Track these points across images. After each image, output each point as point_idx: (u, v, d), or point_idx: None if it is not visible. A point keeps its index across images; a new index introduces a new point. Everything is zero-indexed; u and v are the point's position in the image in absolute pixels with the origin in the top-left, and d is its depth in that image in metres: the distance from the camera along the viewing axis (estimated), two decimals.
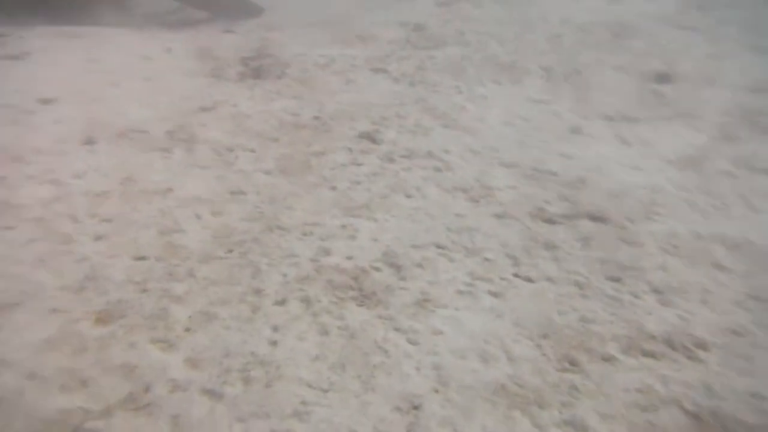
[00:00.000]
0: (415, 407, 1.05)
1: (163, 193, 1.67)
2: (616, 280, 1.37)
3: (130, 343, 1.09)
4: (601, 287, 1.31)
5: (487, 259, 1.43)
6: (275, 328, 1.19)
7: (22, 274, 1.26)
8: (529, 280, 1.33)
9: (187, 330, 1.15)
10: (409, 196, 1.76)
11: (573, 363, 1.15)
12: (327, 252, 1.48)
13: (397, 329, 1.22)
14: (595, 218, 1.55)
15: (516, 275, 1.36)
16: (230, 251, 1.45)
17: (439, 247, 1.51)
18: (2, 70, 2.28)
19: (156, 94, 2.32)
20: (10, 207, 1.50)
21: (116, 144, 1.91)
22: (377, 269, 1.42)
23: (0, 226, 1.43)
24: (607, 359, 1.17)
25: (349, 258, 1.46)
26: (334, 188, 1.78)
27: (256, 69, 2.81)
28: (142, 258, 1.38)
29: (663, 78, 2.52)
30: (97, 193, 1.62)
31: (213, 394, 1.04)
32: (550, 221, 1.58)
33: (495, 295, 1.29)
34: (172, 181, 1.73)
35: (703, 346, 1.22)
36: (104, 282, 1.27)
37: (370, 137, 2.08)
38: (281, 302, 1.28)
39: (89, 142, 1.90)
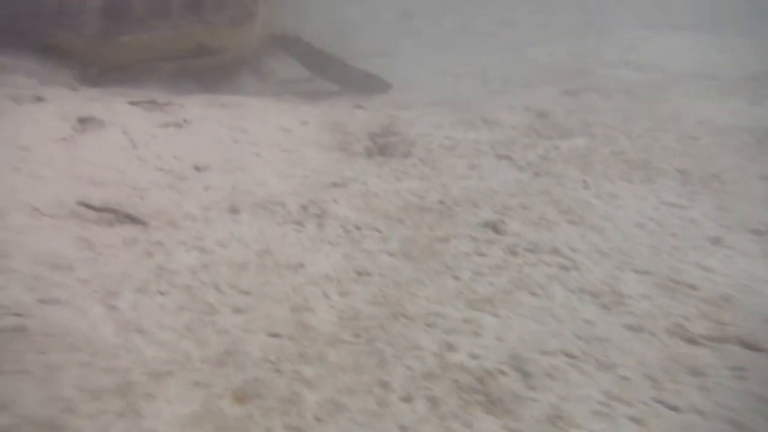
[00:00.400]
0: None
1: (295, 268, 1.73)
2: None
3: (266, 428, 1.10)
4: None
5: (623, 378, 1.33)
6: (403, 429, 1.17)
7: (171, 341, 1.33)
8: (675, 409, 1.23)
9: (318, 420, 1.16)
10: (533, 294, 1.70)
11: None
12: (451, 347, 1.45)
13: None
14: (747, 345, 1.42)
15: (658, 401, 1.25)
16: (357, 336, 1.46)
17: (568, 355, 1.43)
18: (167, 136, 2.51)
19: (293, 166, 2.46)
20: (164, 272, 1.61)
21: (256, 214, 2.02)
22: (503, 373, 1.37)
23: (155, 290, 1.53)
24: None
25: (474, 357, 1.42)
26: (457, 278, 1.76)
27: (383, 146, 2.90)
28: (276, 335, 1.42)
29: None
30: (238, 264, 1.71)
31: None
32: (692, 341, 1.46)
33: (636, 421, 1.19)
34: (303, 256, 1.80)
35: None
36: (242, 357, 1.31)
37: (494, 227, 2.06)
38: (407, 399, 1.26)
39: (233, 210, 2.03)
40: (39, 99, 2.65)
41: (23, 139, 2.18)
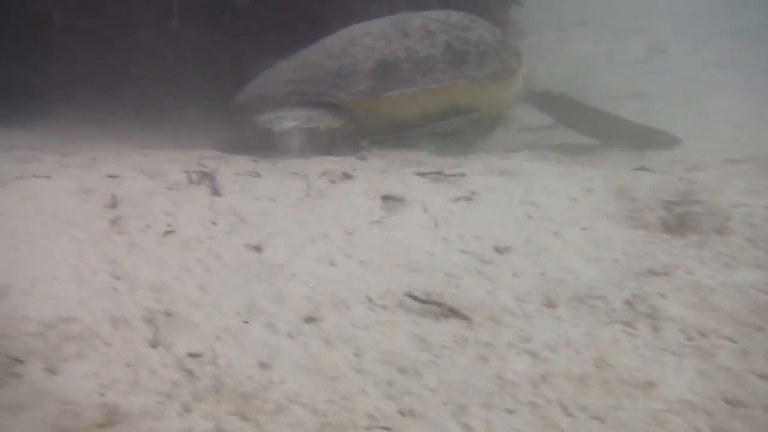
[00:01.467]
0: None
1: (644, 387, 1.48)
2: None
3: None
4: None
5: None
6: None
7: None
8: None
9: None
10: None
11: None
12: None
13: None
14: None
15: None
16: None
17: None
18: (462, 212, 2.47)
19: (596, 247, 2.22)
20: (504, 383, 1.49)
21: (576, 310, 1.82)
22: None
23: (502, 407, 1.42)
24: None
25: None
26: None
27: (682, 217, 2.50)
28: None
29: None
30: (577, 377, 1.53)
31: None
32: None
33: None
34: (649, 371, 1.54)
35: None
36: None
37: None
38: None
39: (550, 304, 1.86)
40: (348, 176, 2.83)
41: (347, 222, 2.30)
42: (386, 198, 2.59)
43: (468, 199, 2.65)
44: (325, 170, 2.95)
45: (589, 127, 4.08)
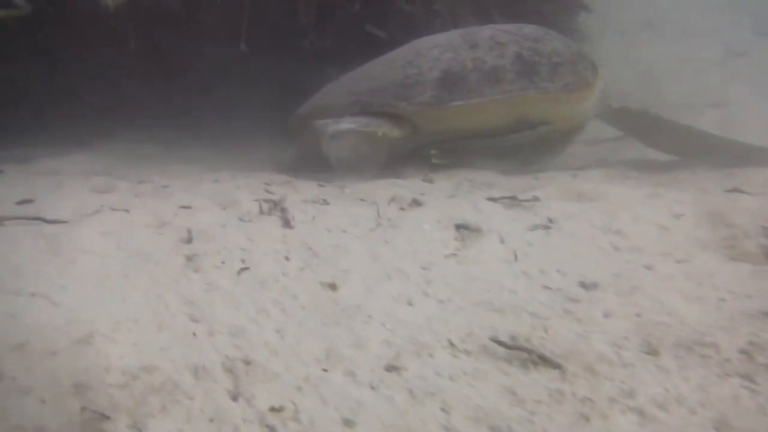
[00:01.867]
0: None
1: None
2: None
3: None
4: None
5: None
6: None
7: None
8: None
9: None
10: None
11: None
12: None
13: None
14: None
15: None
16: None
17: None
18: (541, 242, 2.34)
19: (697, 283, 2.03)
20: None
21: (683, 359, 1.66)
22: None
23: None
24: None
25: None
26: None
27: None
28: None
29: None
30: None
31: None
32: None
33: None
34: None
35: None
36: None
37: None
38: None
39: (651, 351, 1.70)
40: (418, 203, 2.74)
41: (422, 256, 2.21)
42: (460, 227, 2.49)
43: (546, 227, 2.51)
44: (393, 196, 2.88)
45: (672, 145, 3.82)
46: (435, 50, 3.65)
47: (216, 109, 5.24)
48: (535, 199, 2.84)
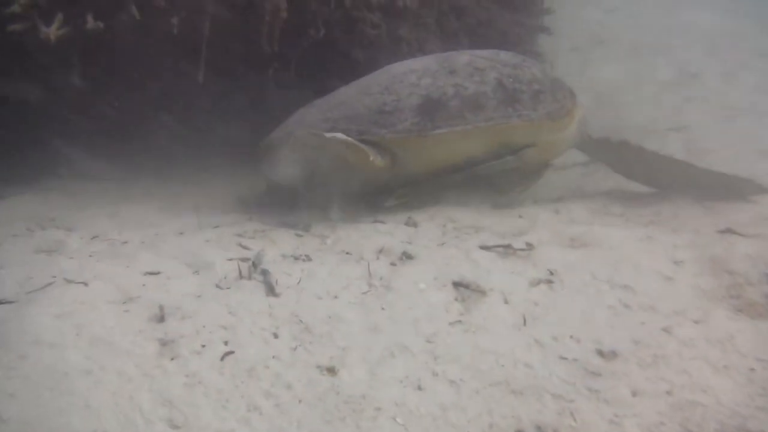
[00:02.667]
0: None
1: None
2: None
3: None
4: None
5: None
6: None
7: None
8: None
9: None
10: None
11: None
12: None
13: None
14: None
15: None
16: None
17: None
18: (547, 301, 2.19)
19: (720, 350, 1.92)
20: None
21: None
22: None
23: None
24: None
25: None
26: None
27: None
28: None
29: None
30: None
31: None
32: None
33: None
34: None
35: None
36: None
37: None
38: None
39: None
40: (409, 257, 2.56)
41: (424, 325, 2.02)
42: (458, 285, 2.32)
43: (548, 281, 2.37)
44: (380, 247, 2.68)
45: (653, 177, 3.77)
46: (412, 76, 3.48)
47: (171, 139, 4.92)
48: (530, 246, 2.70)
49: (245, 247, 2.65)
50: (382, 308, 2.11)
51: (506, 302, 2.20)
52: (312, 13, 4.40)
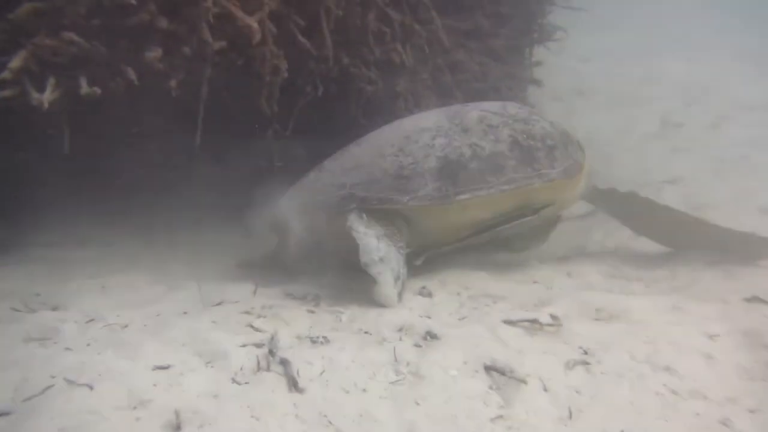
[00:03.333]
0: None
1: None
2: None
3: None
4: None
5: None
6: None
7: None
8: None
9: None
10: None
11: None
12: None
13: None
14: None
15: None
16: None
17: None
18: (586, 387, 2.06)
19: None
20: None
21: None
22: None
23: None
24: None
25: None
26: None
27: None
28: None
29: None
30: None
31: None
32: None
33: None
34: None
35: None
36: None
37: None
38: None
39: None
40: (433, 336, 2.42)
41: (464, 423, 1.87)
42: (490, 370, 2.18)
43: (585, 363, 2.25)
44: (401, 326, 2.54)
45: (665, 232, 3.71)
46: (425, 135, 3.35)
47: (158, 202, 4.76)
48: (556, 320, 2.59)
49: (257, 329, 2.48)
50: (416, 403, 1.96)
51: (545, 390, 2.06)
52: (310, 71, 4.36)
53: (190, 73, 3.60)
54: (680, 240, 3.68)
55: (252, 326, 2.51)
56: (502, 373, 2.15)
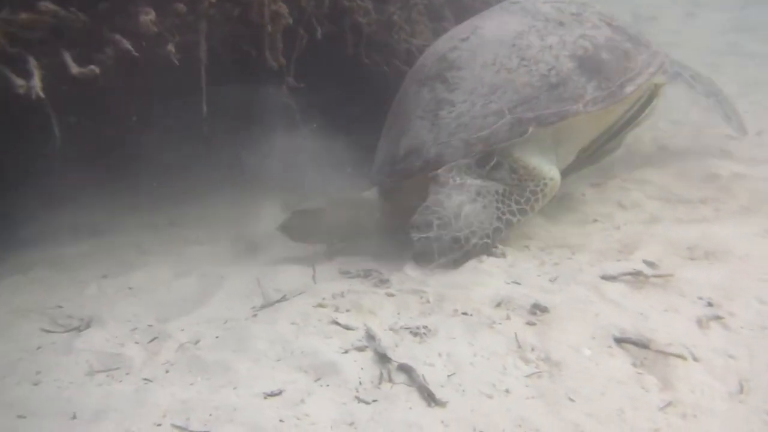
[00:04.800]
0: None
1: None
2: None
3: None
4: None
5: None
6: None
7: None
8: None
9: None
10: None
11: None
12: None
13: None
14: None
15: None
16: None
17: None
18: (738, 350, 1.88)
19: None
20: None
21: None
22: None
23: None
24: None
25: None
26: None
27: None
28: None
29: None
30: None
31: None
32: None
33: None
34: None
35: None
36: None
37: None
38: None
39: None
40: (543, 309, 2.18)
41: (631, 415, 1.66)
42: (622, 342, 1.97)
43: (718, 318, 2.06)
44: (498, 300, 2.29)
45: None
46: (529, 37, 2.92)
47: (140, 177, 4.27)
48: (653, 266, 2.40)
49: (346, 327, 2.19)
50: (570, 399, 1.74)
51: (696, 359, 1.87)
52: (302, 10, 3.82)
53: (186, 33, 3.07)
54: None
55: (338, 323, 2.22)
56: (639, 345, 1.94)
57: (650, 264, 2.45)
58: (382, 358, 1.93)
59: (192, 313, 2.51)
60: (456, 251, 2.61)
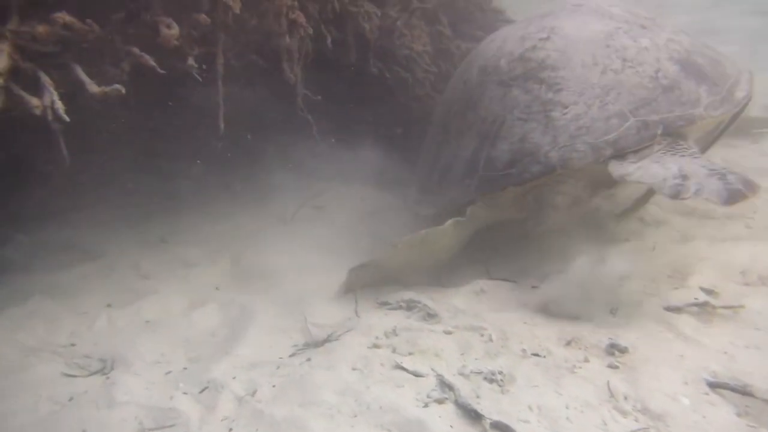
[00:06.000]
0: None
1: None
2: None
3: None
4: None
5: None
6: None
7: None
8: None
9: None
10: None
11: None
12: None
13: None
14: None
15: None
16: None
17: None
18: None
19: None
20: None
21: None
22: None
23: None
24: None
25: None
26: None
27: None
28: None
29: None
30: None
31: None
32: None
33: None
34: None
35: None
36: None
37: None
38: None
39: None
40: (622, 350, 2.01)
41: None
42: (717, 387, 1.83)
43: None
44: (567, 338, 2.11)
45: None
46: (621, 39, 2.69)
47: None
48: (712, 294, 2.29)
49: (414, 374, 1.97)
50: None
51: None
52: (308, 15, 3.53)
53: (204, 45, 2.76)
54: None
55: (404, 368, 1.99)
56: (737, 391, 1.80)
57: (709, 292, 2.33)
58: (469, 413, 1.72)
59: (230, 353, 2.23)
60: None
